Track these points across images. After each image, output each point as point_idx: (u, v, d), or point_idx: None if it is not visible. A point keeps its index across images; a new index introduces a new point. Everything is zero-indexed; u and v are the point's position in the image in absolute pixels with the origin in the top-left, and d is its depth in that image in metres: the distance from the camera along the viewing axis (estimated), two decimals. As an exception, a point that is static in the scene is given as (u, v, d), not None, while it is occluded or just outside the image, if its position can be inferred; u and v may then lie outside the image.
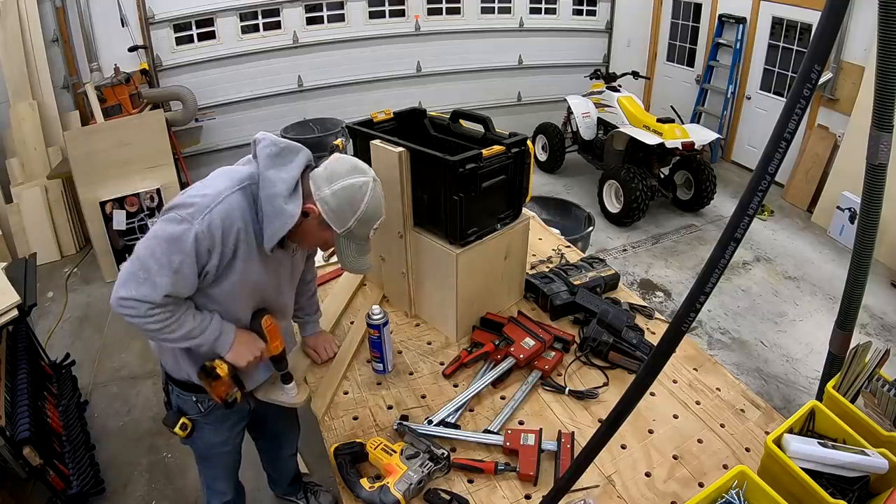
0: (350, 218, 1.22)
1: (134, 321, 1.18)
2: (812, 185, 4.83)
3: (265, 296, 1.38)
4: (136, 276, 1.14)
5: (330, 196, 1.21)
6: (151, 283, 1.14)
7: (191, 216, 1.14)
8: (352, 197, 1.21)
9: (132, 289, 1.14)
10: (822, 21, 0.65)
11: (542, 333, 1.68)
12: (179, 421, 1.45)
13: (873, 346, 1.28)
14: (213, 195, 1.17)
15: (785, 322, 3.52)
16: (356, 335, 1.77)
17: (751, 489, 1.08)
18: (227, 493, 1.77)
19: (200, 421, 1.49)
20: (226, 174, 1.23)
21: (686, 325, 0.78)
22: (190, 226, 1.13)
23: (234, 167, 1.27)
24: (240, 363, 1.33)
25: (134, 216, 3.82)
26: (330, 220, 1.22)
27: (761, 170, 0.69)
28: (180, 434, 1.47)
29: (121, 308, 1.16)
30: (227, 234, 1.17)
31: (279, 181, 1.19)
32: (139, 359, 3.12)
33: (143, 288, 1.14)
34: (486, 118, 1.73)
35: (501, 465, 1.32)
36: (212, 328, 1.27)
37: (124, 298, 1.14)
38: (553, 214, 3.93)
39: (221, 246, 1.17)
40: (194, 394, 1.45)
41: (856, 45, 4.40)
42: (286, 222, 1.19)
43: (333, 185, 1.21)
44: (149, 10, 4.49)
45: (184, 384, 1.43)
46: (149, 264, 1.14)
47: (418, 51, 5.54)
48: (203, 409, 1.47)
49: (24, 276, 2.30)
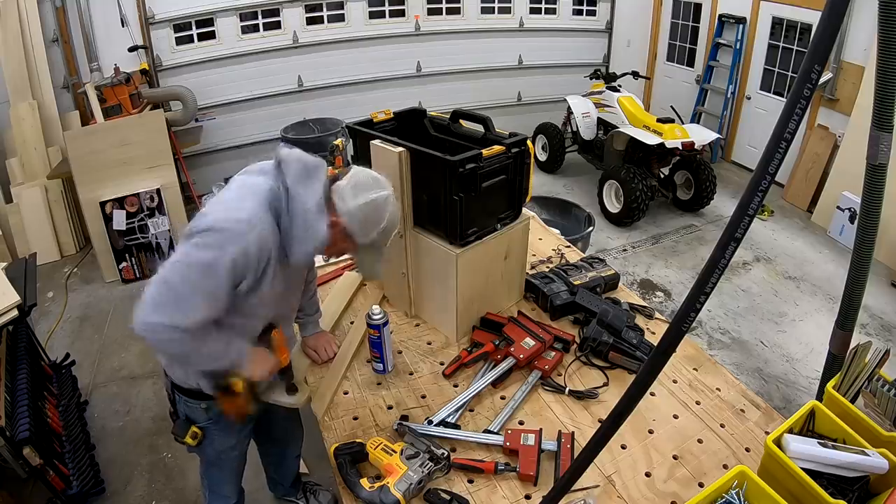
0: (374, 230, 1.26)
1: (159, 346, 1.19)
2: (812, 185, 4.83)
3: (280, 305, 1.40)
4: (165, 299, 1.12)
5: (356, 209, 1.24)
6: (182, 310, 1.12)
7: (227, 241, 1.13)
8: (377, 209, 1.26)
9: (162, 314, 1.11)
10: (823, 21, 0.66)
11: (542, 333, 1.68)
12: (189, 430, 1.45)
13: (873, 346, 1.28)
14: (247, 220, 1.16)
15: (785, 322, 3.52)
16: (356, 335, 1.78)
17: (751, 489, 1.08)
18: (231, 497, 1.77)
19: (210, 428, 1.49)
20: (251, 191, 1.22)
21: (686, 325, 0.78)
22: (223, 253, 1.12)
23: (254, 180, 1.25)
24: (256, 378, 1.34)
25: (134, 216, 3.82)
26: (354, 231, 1.26)
27: (762, 170, 0.69)
28: (191, 443, 1.47)
29: (147, 333, 1.13)
30: (262, 259, 1.19)
31: (310, 199, 1.21)
32: (139, 359, 3.12)
33: (175, 314, 1.11)
34: (486, 118, 1.73)
35: (501, 465, 1.32)
36: (231, 345, 1.27)
37: (152, 324, 1.12)
38: (553, 214, 3.93)
39: (255, 267, 1.19)
40: (203, 401, 1.44)
41: (856, 45, 4.39)
42: (319, 238, 1.22)
43: (358, 198, 1.24)
44: (149, 10, 4.48)
45: (193, 393, 1.43)
46: (179, 288, 1.12)
47: (418, 51, 5.53)
48: (212, 416, 1.47)
49: (24, 276, 2.30)
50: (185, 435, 1.45)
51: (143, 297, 1.13)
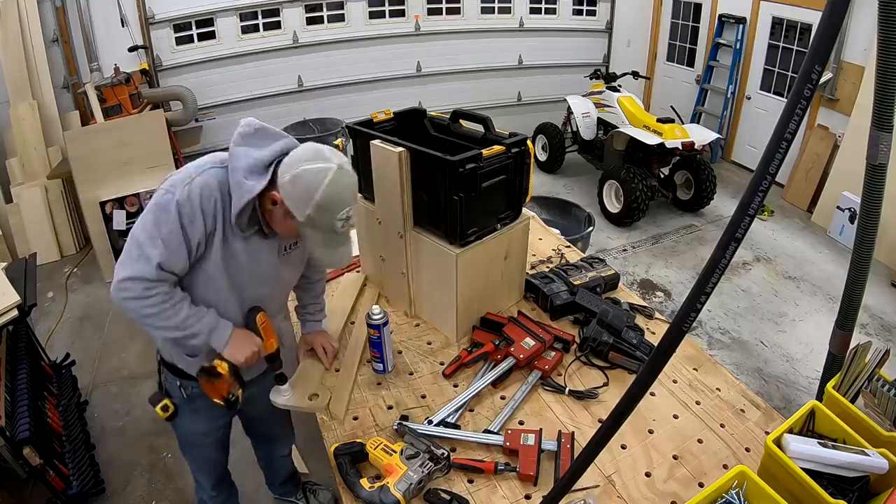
0: (307, 204, 1.19)
1: (132, 304, 1.20)
2: (812, 185, 4.84)
3: (248, 286, 1.36)
4: (129, 254, 1.20)
5: (288, 182, 1.20)
6: (145, 258, 1.18)
7: (173, 186, 1.20)
8: (308, 183, 1.18)
9: (127, 268, 1.19)
10: (823, 21, 0.65)
11: (542, 333, 1.68)
12: (162, 401, 1.46)
13: (873, 346, 1.28)
14: (194, 168, 1.23)
15: (785, 322, 3.52)
16: (361, 335, 1.77)
17: (751, 489, 1.08)
18: (206, 488, 1.79)
19: (183, 406, 1.50)
20: (208, 156, 1.29)
21: (687, 325, 0.78)
22: (172, 195, 1.18)
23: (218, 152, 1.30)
24: (238, 359, 1.33)
25: (134, 216, 3.82)
26: (289, 206, 1.21)
27: (762, 170, 0.69)
28: (161, 415, 1.47)
29: (119, 292, 1.20)
30: (207, 203, 1.20)
31: (244, 156, 1.22)
32: (139, 359, 3.12)
33: (138, 264, 1.18)
34: (486, 118, 1.72)
35: (501, 465, 1.32)
36: (207, 318, 1.29)
37: (121, 280, 1.19)
38: (553, 214, 3.93)
39: (202, 214, 1.20)
40: (179, 378, 1.47)
41: (856, 45, 4.40)
42: (244, 195, 1.20)
43: (293, 170, 1.20)
44: (149, 10, 4.49)
45: (173, 368, 1.46)
46: (140, 237, 1.19)
47: (418, 51, 5.54)
48: (185, 395, 1.49)
49: (24, 276, 2.30)
50: (157, 405, 1.46)
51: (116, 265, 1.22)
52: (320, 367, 1.65)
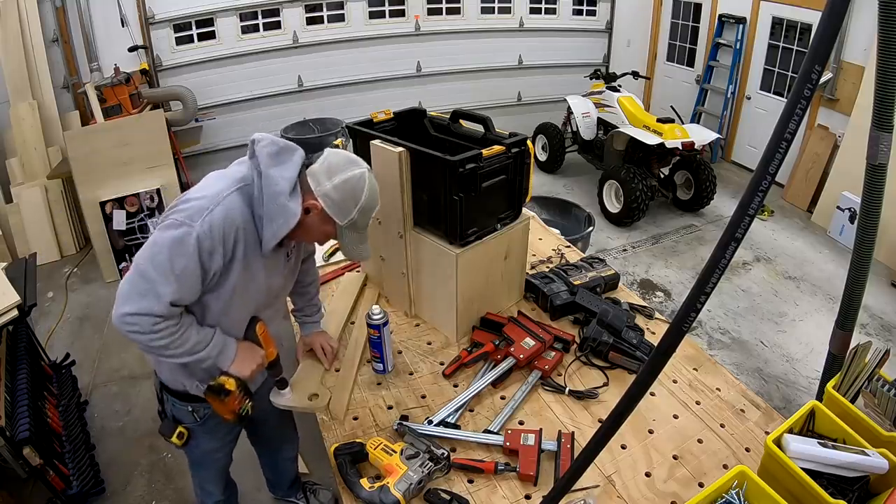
0: (353, 209, 1.24)
1: (139, 338, 1.15)
2: (812, 185, 4.83)
3: (261, 299, 1.37)
4: (136, 287, 1.12)
5: (332, 189, 1.22)
6: (155, 294, 1.11)
7: (190, 218, 1.13)
8: (353, 188, 1.23)
9: (134, 303, 1.11)
10: (823, 21, 0.65)
11: (542, 333, 1.68)
12: (176, 430, 1.45)
13: (873, 346, 1.28)
14: (212, 196, 1.16)
15: (785, 322, 3.52)
16: (361, 335, 1.77)
17: (751, 489, 1.08)
18: (215, 494, 1.79)
19: (197, 429, 1.49)
20: (220, 176, 1.24)
21: (687, 325, 0.78)
22: (190, 228, 1.11)
23: (227, 170, 1.27)
24: (245, 373, 1.33)
25: (134, 216, 3.82)
26: (333, 212, 1.24)
27: (762, 170, 0.69)
28: (177, 443, 1.47)
29: (125, 325, 1.13)
30: (228, 235, 1.17)
31: (281, 179, 1.19)
32: (139, 359, 3.12)
33: (146, 300, 1.11)
34: (486, 118, 1.73)
35: (501, 465, 1.32)
36: (215, 341, 1.27)
37: (128, 314, 1.12)
38: (553, 214, 3.93)
39: (223, 247, 1.16)
40: (190, 404, 1.44)
41: (856, 45, 4.40)
42: (289, 220, 1.20)
43: (334, 178, 1.22)
44: (149, 10, 4.49)
45: (180, 395, 1.43)
46: (150, 274, 1.11)
47: (418, 51, 5.53)
48: (198, 418, 1.47)
49: (24, 276, 2.30)
50: (172, 435, 1.45)
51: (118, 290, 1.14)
52: (320, 368, 1.65)
